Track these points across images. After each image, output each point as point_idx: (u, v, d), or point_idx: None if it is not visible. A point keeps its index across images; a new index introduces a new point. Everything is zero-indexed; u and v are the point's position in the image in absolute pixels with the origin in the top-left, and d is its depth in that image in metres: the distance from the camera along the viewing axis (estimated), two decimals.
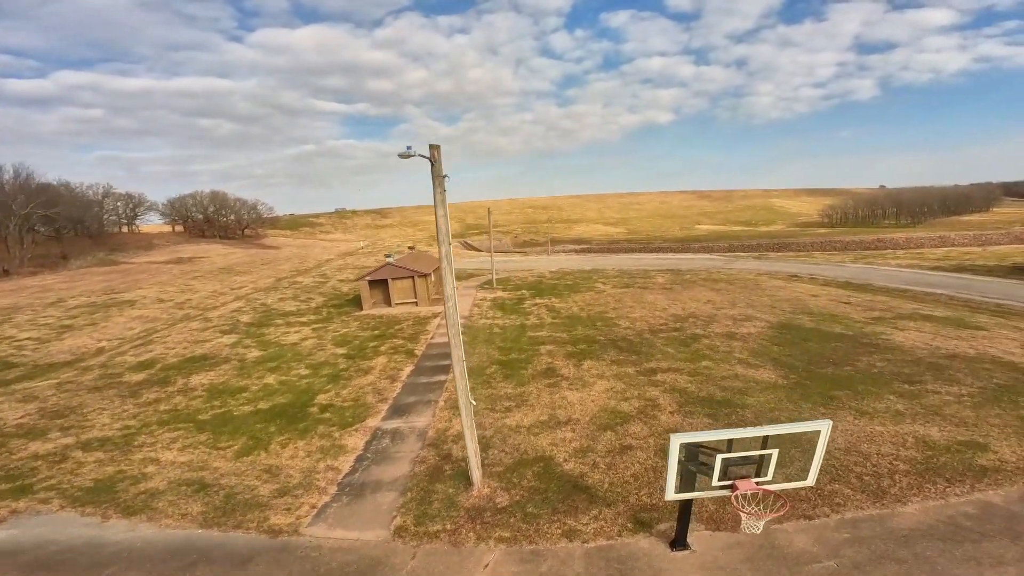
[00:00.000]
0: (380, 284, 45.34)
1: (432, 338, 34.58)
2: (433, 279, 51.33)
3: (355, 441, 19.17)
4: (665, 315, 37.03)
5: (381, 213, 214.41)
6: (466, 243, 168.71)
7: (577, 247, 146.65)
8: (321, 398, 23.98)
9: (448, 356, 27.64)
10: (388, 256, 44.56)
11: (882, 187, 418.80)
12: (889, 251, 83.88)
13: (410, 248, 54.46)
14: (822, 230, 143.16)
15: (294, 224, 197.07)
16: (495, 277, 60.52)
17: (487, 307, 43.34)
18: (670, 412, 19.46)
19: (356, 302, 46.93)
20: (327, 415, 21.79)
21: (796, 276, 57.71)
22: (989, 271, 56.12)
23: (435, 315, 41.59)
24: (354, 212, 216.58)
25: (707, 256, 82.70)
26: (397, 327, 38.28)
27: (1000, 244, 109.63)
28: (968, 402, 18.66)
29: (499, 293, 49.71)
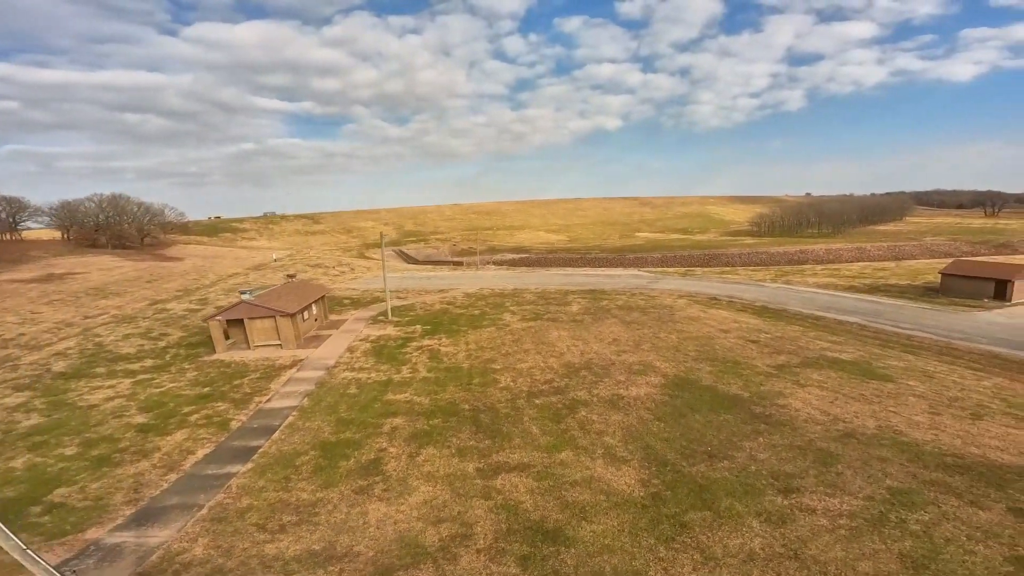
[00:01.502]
0: (239, 323, 38.43)
1: (268, 401, 28.36)
2: (315, 312, 44.74)
3: (49, 559, 13.56)
4: (558, 365, 32.46)
5: (313, 218, 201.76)
6: (401, 252, 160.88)
7: (515, 256, 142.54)
8: (59, 493, 18.73)
9: (269, 431, 21.95)
10: (244, 292, 37.69)
11: (808, 194, 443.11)
12: (809, 267, 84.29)
13: (289, 277, 47.48)
14: (750, 240, 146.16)
15: (214, 229, 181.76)
16: (395, 305, 54.50)
17: (362, 352, 37.34)
18: (477, 551, 14.54)
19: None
20: (45, 519, 16.92)
21: (716, 300, 55.32)
22: (901, 292, 55.85)
23: (296, 362, 35.23)
24: (283, 217, 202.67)
25: (636, 272, 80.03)
26: (237, 381, 31.73)
27: (914, 257, 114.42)
28: (843, 531, 14.69)
29: (387, 330, 43.77)
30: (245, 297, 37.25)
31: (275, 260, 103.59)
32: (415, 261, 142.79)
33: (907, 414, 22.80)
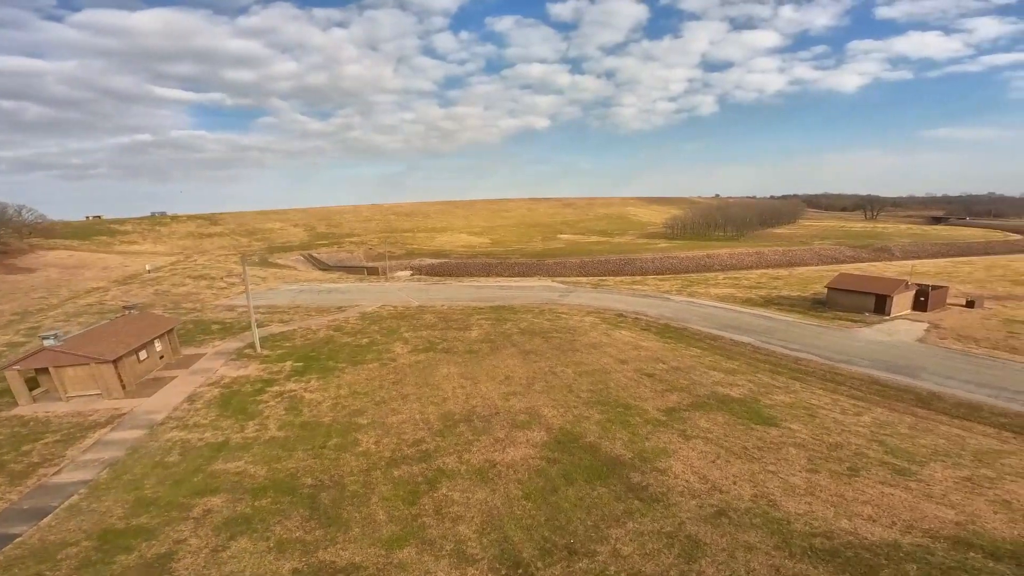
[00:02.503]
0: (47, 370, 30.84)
1: (56, 473, 22.31)
2: (160, 348, 37.59)
3: None
4: (436, 417, 28.56)
5: (211, 219, 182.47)
6: (311, 257, 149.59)
7: (435, 261, 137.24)
8: None
9: (39, 514, 16.83)
10: (46, 337, 30.17)
11: (717, 195, 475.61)
12: (713, 275, 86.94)
13: (127, 309, 39.63)
14: (663, 244, 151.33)
15: (89, 231, 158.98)
16: (274, 332, 47.99)
17: (205, 402, 31.22)
18: None
19: (27, 385, 31.62)
20: None
21: (622, 318, 54.21)
22: (792, 305, 57.87)
23: (115, 418, 28.57)
24: (174, 217, 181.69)
25: (549, 284, 78.10)
26: (27, 447, 25.07)
27: (805, 263, 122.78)
28: None
29: (249, 369, 37.61)
30: (48, 343, 29.78)
31: (149, 271, 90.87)
32: (326, 267, 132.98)
33: (785, 474, 21.35)
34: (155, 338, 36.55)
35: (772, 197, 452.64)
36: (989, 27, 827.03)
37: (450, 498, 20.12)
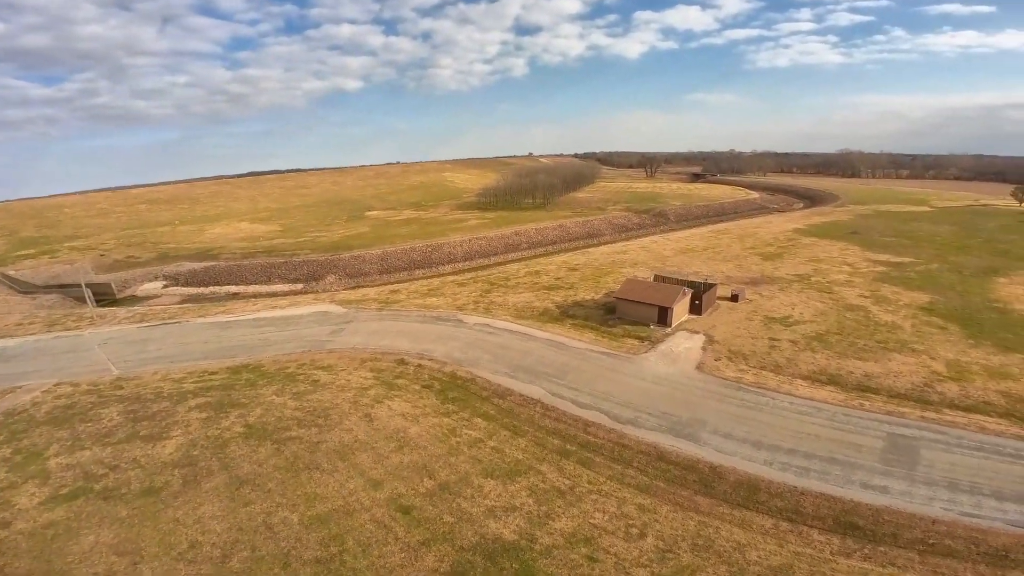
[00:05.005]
0: None
1: None
2: None
3: None
4: None
5: None
6: (3, 275, 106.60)
7: (196, 266, 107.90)
8: None
9: None
10: None
11: (530, 154, 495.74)
12: (515, 269, 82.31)
13: None
14: (474, 220, 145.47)
15: None
16: None
17: None
18: None
19: None
20: None
21: (403, 366, 44.32)
22: (587, 316, 54.20)
23: None
24: None
25: (325, 309, 63.47)
26: None
27: (601, 235, 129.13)
28: None
29: None
30: None
31: None
32: (31, 289, 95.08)
33: None
34: None
35: (576, 155, 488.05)
36: (732, 3, 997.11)
37: None
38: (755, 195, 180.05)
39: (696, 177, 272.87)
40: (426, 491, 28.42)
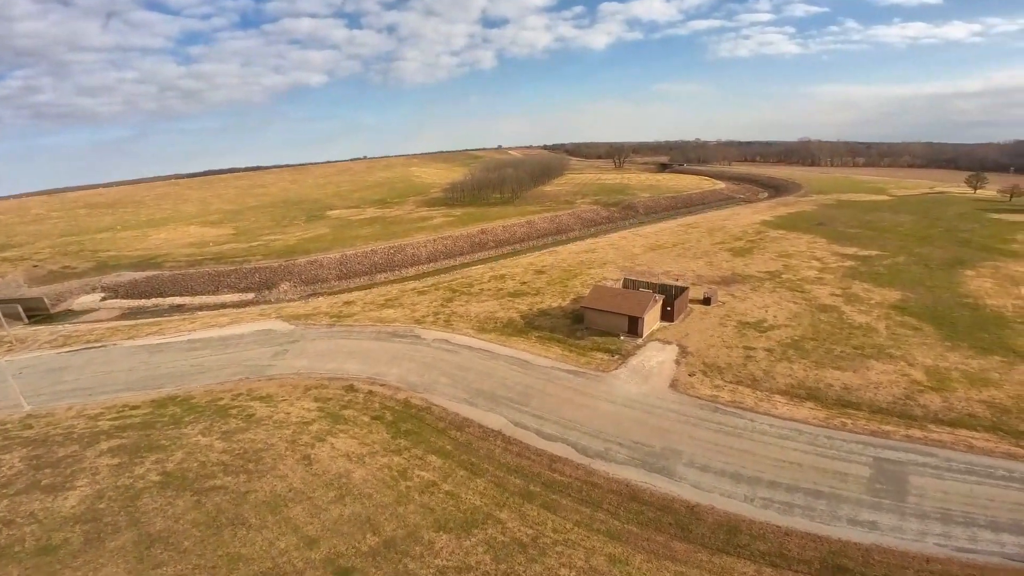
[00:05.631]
0: None
1: None
2: None
3: None
4: None
5: None
6: None
7: (136, 276, 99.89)
8: None
9: None
10: None
11: (499, 147, 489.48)
12: (479, 274, 78.28)
13: None
14: (439, 219, 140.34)
15: None
16: None
17: None
18: None
19: None
20: None
21: (353, 393, 40.14)
22: (553, 327, 50.85)
23: None
24: None
25: (270, 327, 58.05)
26: None
27: (570, 231, 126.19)
28: None
29: None
30: None
31: None
32: None
33: None
34: None
35: (545, 147, 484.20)
36: None
37: None
38: (721, 185, 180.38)
39: (663, 167, 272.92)
40: (369, 549, 24.74)
